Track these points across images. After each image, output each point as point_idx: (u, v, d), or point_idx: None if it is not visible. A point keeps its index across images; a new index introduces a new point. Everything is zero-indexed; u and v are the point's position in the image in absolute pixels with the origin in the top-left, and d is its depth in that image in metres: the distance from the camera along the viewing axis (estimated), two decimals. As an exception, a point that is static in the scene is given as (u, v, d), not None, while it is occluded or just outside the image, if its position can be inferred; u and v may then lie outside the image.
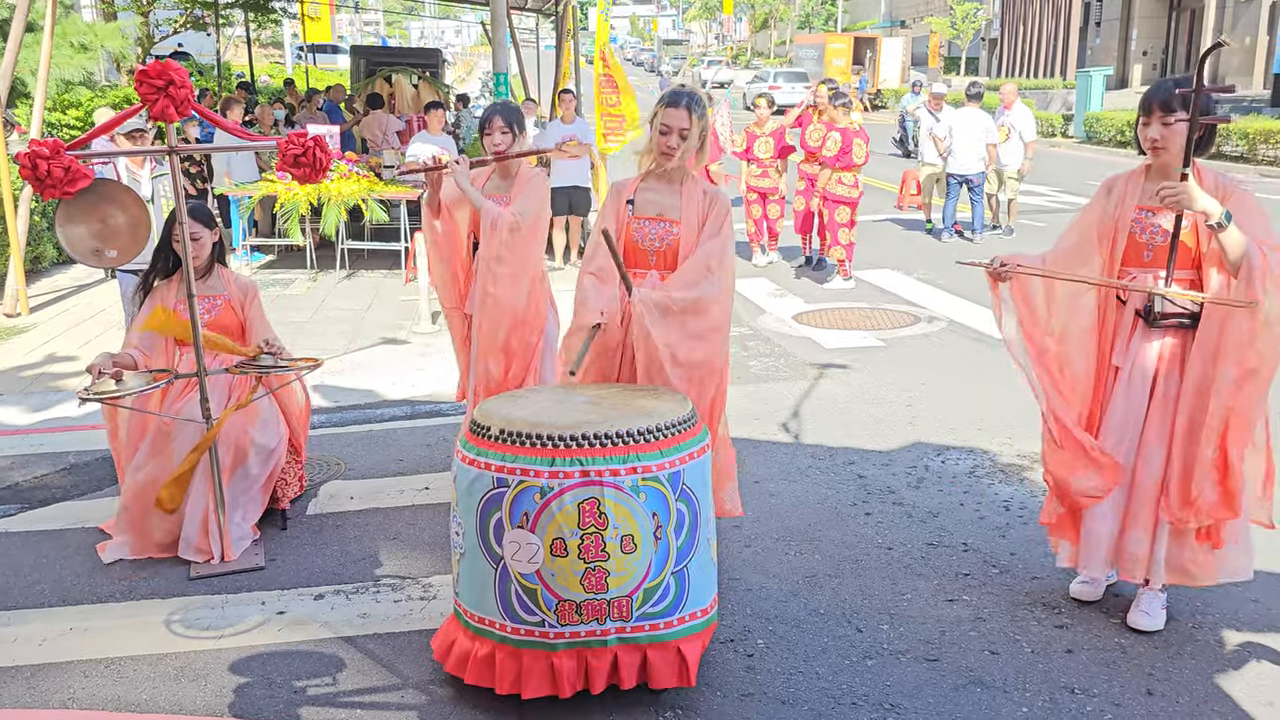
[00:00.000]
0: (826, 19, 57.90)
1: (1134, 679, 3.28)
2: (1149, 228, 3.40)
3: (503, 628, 3.06)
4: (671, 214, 3.63)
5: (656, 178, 3.67)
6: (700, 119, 3.57)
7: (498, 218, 4.32)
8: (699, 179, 3.68)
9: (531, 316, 4.48)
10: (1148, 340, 3.42)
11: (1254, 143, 17.86)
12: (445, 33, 65.26)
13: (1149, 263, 3.40)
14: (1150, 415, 3.43)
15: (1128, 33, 34.76)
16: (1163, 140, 3.32)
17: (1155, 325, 3.37)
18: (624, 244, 3.66)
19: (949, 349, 7.30)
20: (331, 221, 9.51)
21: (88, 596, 3.96)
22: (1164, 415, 3.40)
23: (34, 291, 9.04)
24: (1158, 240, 3.37)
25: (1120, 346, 3.47)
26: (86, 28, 13.46)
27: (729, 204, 3.69)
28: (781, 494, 4.81)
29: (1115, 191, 3.49)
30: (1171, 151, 3.31)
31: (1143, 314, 3.40)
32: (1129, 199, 3.44)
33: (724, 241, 3.59)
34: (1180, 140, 3.26)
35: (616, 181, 3.80)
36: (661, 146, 3.58)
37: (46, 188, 3.76)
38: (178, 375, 4.23)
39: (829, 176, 9.40)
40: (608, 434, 2.95)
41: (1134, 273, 3.42)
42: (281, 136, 4.11)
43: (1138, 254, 3.42)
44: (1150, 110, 3.33)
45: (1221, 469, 3.28)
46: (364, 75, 16.72)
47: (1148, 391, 3.43)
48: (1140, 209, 3.42)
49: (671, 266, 3.63)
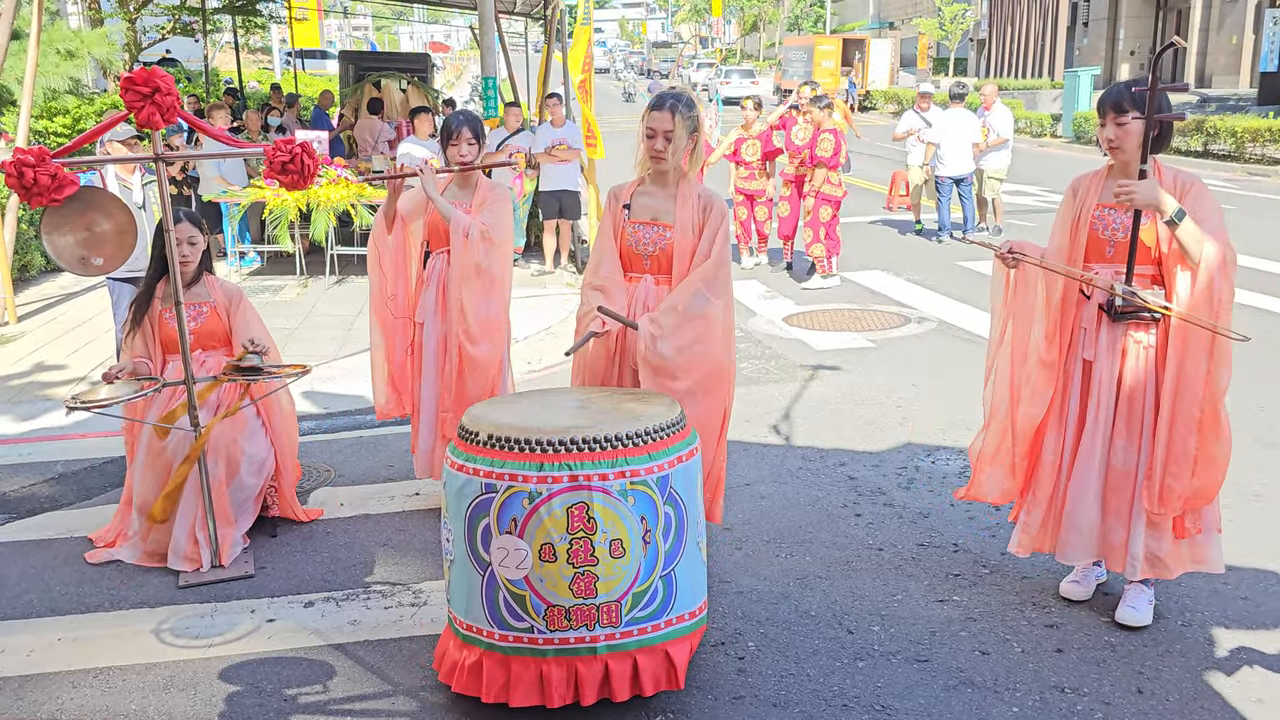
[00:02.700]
0: (815, 21, 58.03)
1: (1124, 677, 3.29)
2: (1110, 224, 3.51)
3: (490, 634, 3.05)
4: (665, 218, 3.64)
5: (652, 182, 3.69)
6: (686, 120, 3.57)
7: (469, 227, 4.37)
8: (695, 182, 3.69)
9: (500, 328, 4.54)
10: (1112, 333, 3.51)
11: (1241, 141, 17.95)
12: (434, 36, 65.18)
13: (1110, 259, 3.50)
14: (1119, 407, 3.51)
15: (1115, 32, 34.90)
16: (1117, 140, 3.44)
17: (1118, 319, 3.47)
18: (620, 248, 3.68)
19: (939, 350, 7.31)
20: (321, 227, 9.49)
21: (76, 606, 3.94)
22: (1132, 407, 3.48)
23: (22, 300, 9.00)
24: (1118, 236, 3.48)
25: (1088, 340, 3.56)
26: (73, 34, 13.41)
27: (725, 208, 3.69)
28: (772, 496, 4.81)
29: (1080, 191, 3.61)
30: (1127, 150, 3.43)
31: (1105, 308, 3.49)
32: (1091, 197, 3.56)
33: (718, 262, 3.60)
34: (1134, 139, 3.39)
35: (615, 186, 3.81)
36: (650, 150, 3.59)
37: (33, 195, 3.74)
38: (166, 383, 4.22)
39: (823, 176, 9.45)
40: (596, 438, 2.95)
41: (1097, 269, 3.53)
42: (269, 143, 4.10)
43: (1099, 250, 3.52)
44: (1105, 112, 3.46)
45: (1199, 459, 3.36)
46: (353, 80, 16.68)
47: (1115, 383, 3.51)
48: (1100, 207, 3.53)
49: (665, 271, 3.65)
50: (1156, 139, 3.38)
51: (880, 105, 38.32)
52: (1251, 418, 5.59)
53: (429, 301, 4.58)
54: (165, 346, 4.40)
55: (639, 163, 3.70)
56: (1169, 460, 3.37)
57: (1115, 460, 3.53)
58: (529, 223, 10.91)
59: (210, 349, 4.45)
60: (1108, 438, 3.53)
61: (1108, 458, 3.54)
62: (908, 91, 36.15)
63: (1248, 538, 4.21)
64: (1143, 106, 3.34)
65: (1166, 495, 3.39)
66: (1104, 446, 3.53)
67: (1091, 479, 3.55)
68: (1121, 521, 3.53)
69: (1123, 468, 3.52)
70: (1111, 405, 3.52)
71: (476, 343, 4.42)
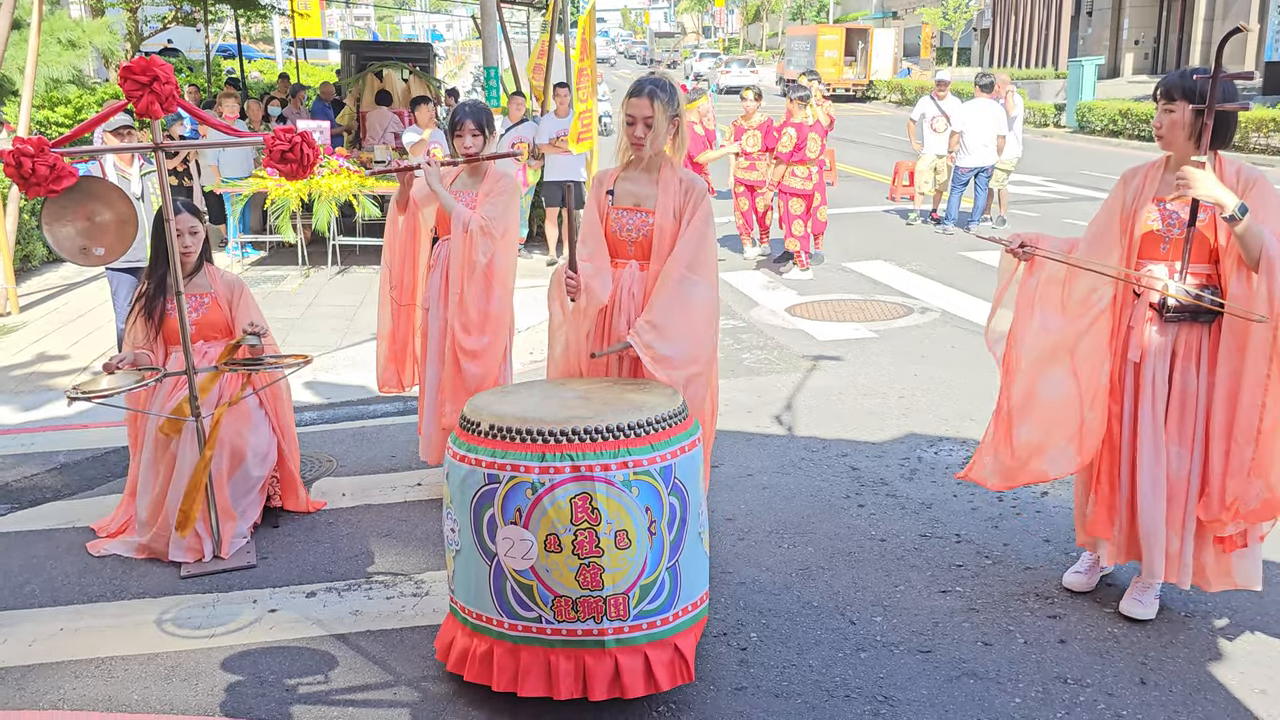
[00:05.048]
0: (818, 10, 57.83)
1: (1127, 668, 3.29)
2: (1166, 219, 3.32)
3: (499, 624, 3.04)
4: (647, 204, 3.63)
5: (634, 168, 3.68)
6: (666, 105, 3.54)
7: (468, 221, 4.42)
8: (677, 167, 3.66)
9: (501, 321, 4.56)
10: (1164, 334, 3.34)
11: (1246, 131, 17.88)
12: (437, 26, 65.03)
13: (1165, 255, 3.33)
14: (1170, 411, 3.35)
15: (1119, 22, 34.77)
16: (1164, 128, 3.30)
17: (1170, 320, 3.31)
18: (606, 233, 3.67)
19: (942, 340, 7.30)
20: (323, 217, 9.47)
21: (78, 596, 3.94)
22: (1184, 411, 3.33)
23: (24, 290, 8.99)
24: (1174, 232, 3.29)
25: (1136, 340, 3.39)
26: (74, 24, 13.35)
27: (705, 190, 3.67)
28: (775, 486, 4.80)
29: (1134, 183, 3.43)
30: (1172, 140, 3.29)
31: (1158, 307, 3.33)
32: (1147, 190, 3.38)
33: (698, 236, 3.55)
34: (1180, 129, 3.25)
35: (599, 172, 3.81)
36: (630, 137, 3.58)
37: (31, 186, 3.72)
38: (167, 373, 4.21)
39: (784, 170, 9.45)
40: (598, 428, 2.94)
41: (1150, 265, 3.37)
42: (269, 132, 4.08)
43: (1154, 246, 3.35)
44: (1156, 99, 3.33)
45: (1260, 470, 3.15)
46: (355, 70, 16.62)
47: (1166, 387, 3.36)
48: (1157, 200, 3.35)
49: (648, 256, 3.63)
50: (1218, 131, 3.20)
51: (884, 95, 38.20)
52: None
53: (434, 287, 4.64)
54: (167, 337, 4.39)
55: (620, 149, 3.68)
56: (1227, 474, 3.20)
57: (1171, 469, 3.37)
58: (531, 212, 10.89)
59: (212, 340, 4.44)
60: (1160, 444, 3.37)
61: (1167, 465, 3.38)
62: (908, 81, 36.06)
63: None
64: (1191, 95, 3.19)
65: (1230, 506, 3.21)
66: (1161, 454, 3.37)
67: (1160, 488, 3.39)
68: (1175, 530, 3.40)
69: (1177, 475, 3.36)
70: (1163, 410, 3.35)
71: (470, 334, 4.46)
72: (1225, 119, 3.23)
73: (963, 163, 11.21)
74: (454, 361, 4.49)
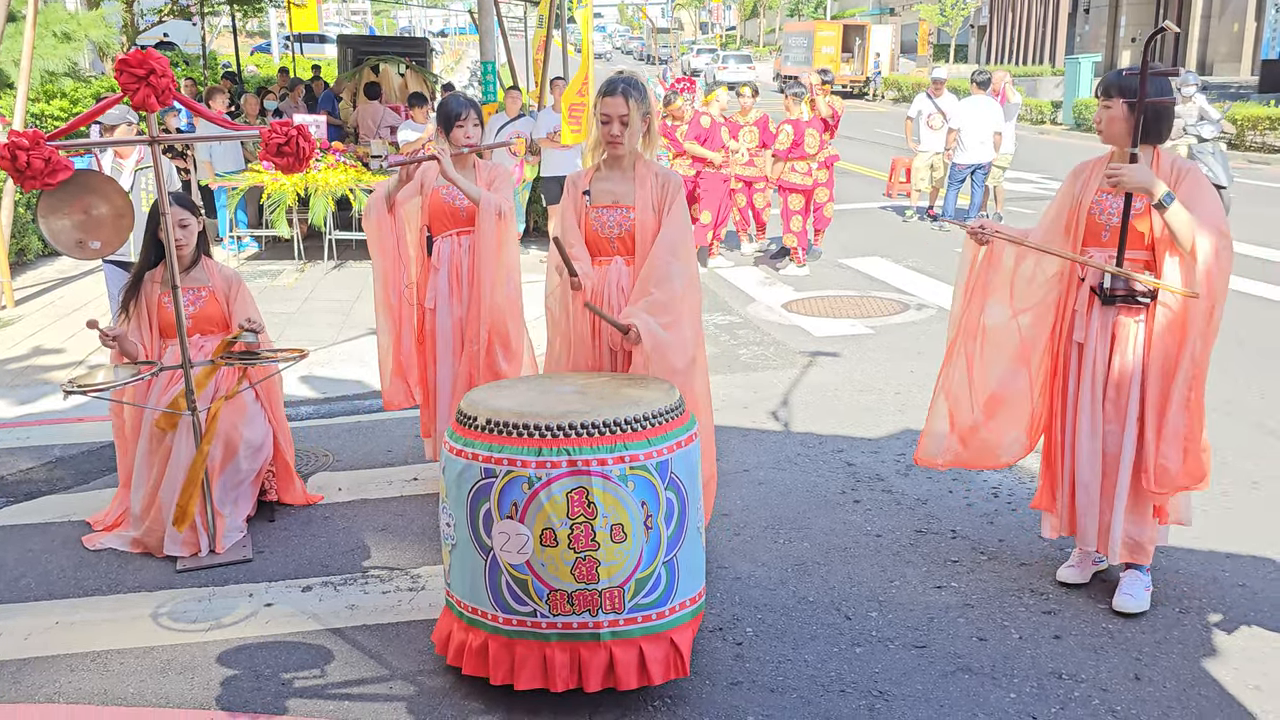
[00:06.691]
0: (816, 6, 57.80)
1: (1122, 664, 3.30)
2: (1106, 209, 3.53)
3: (494, 618, 3.05)
4: (626, 200, 3.67)
5: (609, 166, 3.71)
6: (640, 103, 3.58)
7: (500, 205, 4.46)
8: (651, 163, 3.72)
9: (519, 307, 4.60)
10: (1104, 317, 3.53)
11: (1242, 129, 17.89)
12: (434, 21, 64.88)
13: (1106, 243, 3.54)
14: (1107, 391, 3.54)
15: (1116, 19, 34.78)
16: (1104, 124, 3.50)
17: (1109, 302, 3.49)
18: (585, 233, 3.70)
19: (938, 336, 7.29)
20: (319, 212, 9.45)
21: (74, 590, 3.94)
22: (1120, 391, 3.51)
23: (19, 284, 8.97)
24: (1113, 221, 3.50)
25: (1080, 322, 3.59)
26: (69, 16, 13.33)
27: (680, 182, 3.73)
28: (770, 482, 4.80)
29: (1082, 176, 3.64)
30: (1111, 135, 3.48)
31: (1097, 290, 3.52)
32: (1093, 182, 3.59)
33: (679, 226, 3.63)
34: (1117, 125, 3.44)
35: (572, 173, 3.83)
36: (606, 136, 3.61)
37: (26, 179, 3.71)
38: (163, 367, 4.21)
39: (782, 167, 9.46)
40: (595, 423, 2.94)
41: (1092, 252, 3.56)
42: (265, 126, 4.08)
43: (1096, 234, 3.55)
44: (1097, 97, 3.53)
45: (1190, 438, 3.40)
46: (351, 65, 16.58)
47: (1105, 368, 3.54)
48: (1100, 192, 3.55)
49: (631, 251, 3.68)
50: (1154, 125, 3.39)
51: (880, 91, 38.17)
52: (1253, 405, 5.58)
53: (441, 286, 4.59)
54: (163, 330, 4.38)
55: (590, 148, 3.71)
56: (1160, 441, 3.41)
57: (1107, 445, 3.56)
58: (529, 208, 10.88)
59: (208, 333, 4.43)
60: (1100, 422, 3.57)
61: (1103, 442, 3.57)
62: (906, 78, 36.05)
63: (1245, 525, 4.21)
64: (1127, 92, 3.38)
65: (1162, 476, 3.42)
66: (1099, 428, 3.57)
67: (1096, 463, 3.58)
68: (1108, 504, 3.57)
69: (1111, 452, 3.55)
70: (1101, 389, 3.55)
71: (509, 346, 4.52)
72: (1159, 114, 3.41)
73: (959, 159, 11.20)
74: (488, 366, 4.47)
